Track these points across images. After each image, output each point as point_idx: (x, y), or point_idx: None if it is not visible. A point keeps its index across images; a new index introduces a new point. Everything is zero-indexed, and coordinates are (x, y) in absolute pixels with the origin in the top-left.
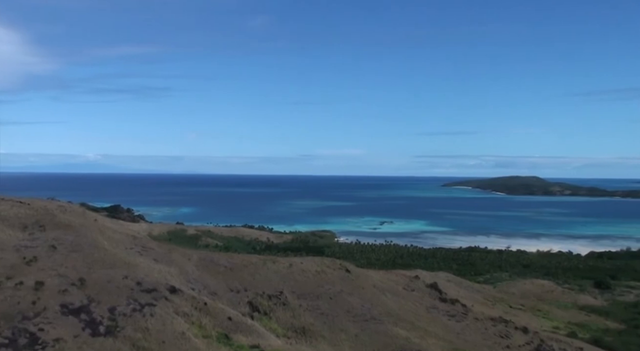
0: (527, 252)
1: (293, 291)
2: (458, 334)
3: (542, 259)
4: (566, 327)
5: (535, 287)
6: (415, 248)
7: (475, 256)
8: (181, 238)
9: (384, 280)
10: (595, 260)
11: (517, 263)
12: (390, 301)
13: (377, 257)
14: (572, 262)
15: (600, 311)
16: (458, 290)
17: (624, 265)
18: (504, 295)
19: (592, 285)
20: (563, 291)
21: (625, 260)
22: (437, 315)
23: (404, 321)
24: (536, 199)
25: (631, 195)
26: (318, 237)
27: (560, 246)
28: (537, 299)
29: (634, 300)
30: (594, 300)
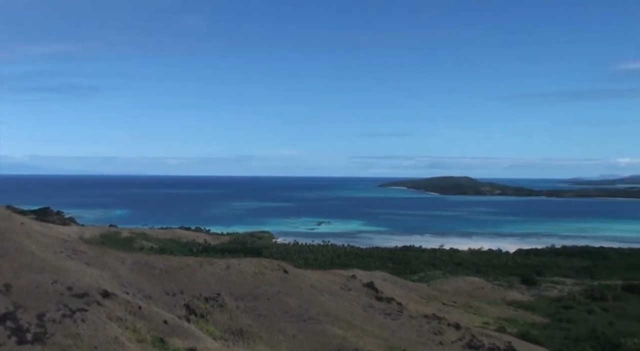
0: (459, 250)
1: (230, 293)
2: (394, 332)
3: (474, 257)
4: (495, 322)
5: (467, 284)
6: (352, 248)
7: (410, 255)
8: (114, 241)
9: (322, 280)
10: (523, 257)
11: (450, 261)
12: (328, 301)
13: (314, 257)
14: (501, 259)
15: (527, 307)
16: (394, 289)
17: (548, 261)
18: (438, 292)
19: (520, 282)
20: (493, 288)
21: (549, 256)
22: (374, 313)
23: (341, 321)
24: (468, 199)
25: (555, 195)
26: (256, 238)
27: (491, 244)
28: (469, 296)
29: (558, 295)
30: (522, 296)
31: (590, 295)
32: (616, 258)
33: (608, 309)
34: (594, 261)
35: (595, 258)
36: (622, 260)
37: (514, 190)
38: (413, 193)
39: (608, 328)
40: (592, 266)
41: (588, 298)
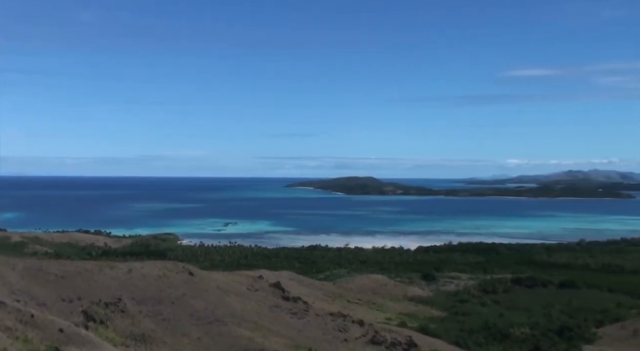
0: (364, 249)
1: (133, 298)
2: (300, 331)
3: (377, 255)
4: (397, 318)
5: (370, 282)
6: (259, 249)
7: (316, 254)
8: (4, 247)
9: (228, 281)
10: (423, 254)
11: (354, 259)
12: (234, 302)
13: (221, 258)
14: (403, 256)
15: (426, 302)
16: (300, 288)
17: (446, 257)
18: (343, 290)
19: (420, 278)
20: (395, 285)
21: (447, 253)
22: (280, 313)
23: (247, 322)
24: (372, 198)
25: (452, 194)
26: (160, 240)
27: (393, 242)
28: (373, 293)
29: (455, 290)
30: (422, 291)
31: (483, 289)
32: (507, 253)
33: (499, 301)
34: (487, 256)
35: (488, 254)
36: (512, 255)
37: (415, 190)
38: (320, 193)
39: (499, 319)
40: (485, 262)
41: (481, 291)
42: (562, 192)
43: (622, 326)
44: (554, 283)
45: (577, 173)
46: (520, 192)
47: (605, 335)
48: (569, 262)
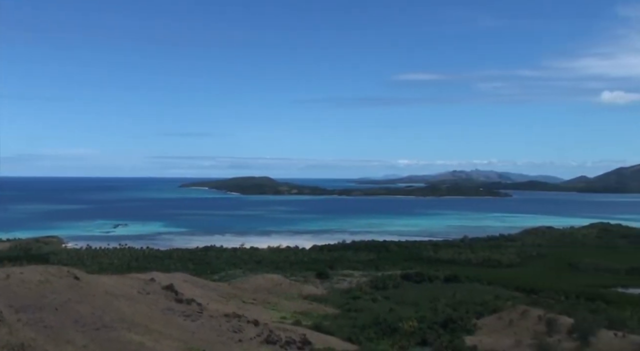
0: (259, 249)
1: (10, 305)
2: (193, 333)
3: (273, 254)
4: (292, 316)
5: (266, 281)
6: (151, 250)
7: (211, 255)
8: None
9: (118, 284)
10: (318, 253)
11: (250, 259)
12: (124, 306)
13: (110, 261)
14: (298, 255)
15: (320, 299)
16: (194, 290)
17: (340, 256)
18: (238, 290)
19: (315, 276)
20: (290, 284)
21: (341, 251)
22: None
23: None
24: (268, 198)
25: (345, 193)
26: (42, 244)
27: (289, 241)
28: (268, 292)
29: (348, 287)
30: (316, 289)
31: (374, 285)
32: (397, 250)
33: (389, 297)
34: (378, 254)
35: (380, 251)
36: (402, 252)
37: (310, 190)
38: (215, 193)
39: (389, 314)
40: (377, 259)
41: (373, 288)
42: (447, 191)
43: (499, 317)
44: (439, 278)
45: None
46: (409, 191)
47: (484, 326)
48: (453, 258)
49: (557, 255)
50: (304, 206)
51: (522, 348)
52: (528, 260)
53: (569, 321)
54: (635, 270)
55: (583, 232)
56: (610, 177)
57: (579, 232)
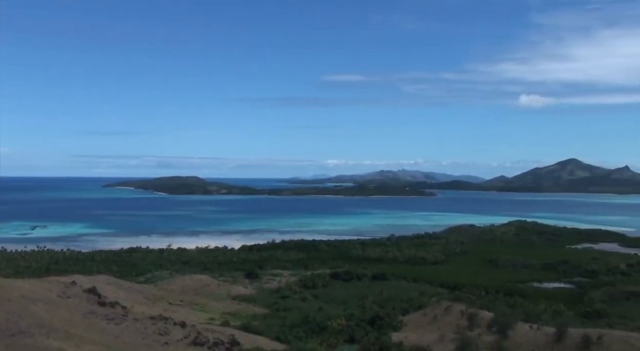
0: (187, 249)
1: None
2: (117, 337)
3: (201, 255)
4: (221, 317)
5: (194, 282)
6: (72, 253)
7: (136, 256)
8: None
9: (35, 288)
10: (247, 253)
11: (177, 260)
12: (42, 311)
13: (27, 264)
14: (227, 255)
15: (249, 299)
16: (118, 292)
17: (269, 255)
18: (164, 292)
19: (244, 276)
20: (219, 284)
21: (270, 251)
22: (95, 320)
23: (57, 331)
24: (196, 198)
25: (275, 193)
26: None
27: (217, 242)
28: (196, 293)
29: (277, 286)
30: (245, 290)
31: (304, 284)
32: (326, 249)
33: (318, 296)
34: (307, 253)
35: (309, 250)
36: (331, 251)
37: (240, 189)
38: (141, 193)
39: (318, 313)
40: (306, 258)
41: (302, 287)
42: (375, 191)
43: (424, 313)
44: (367, 276)
45: (388, 173)
46: (338, 191)
47: (409, 322)
48: (380, 256)
49: (479, 252)
50: (234, 206)
51: (445, 343)
52: (452, 257)
53: (489, 316)
54: (549, 266)
55: (502, 229)
56: (527, 177)
57: (498, 230)
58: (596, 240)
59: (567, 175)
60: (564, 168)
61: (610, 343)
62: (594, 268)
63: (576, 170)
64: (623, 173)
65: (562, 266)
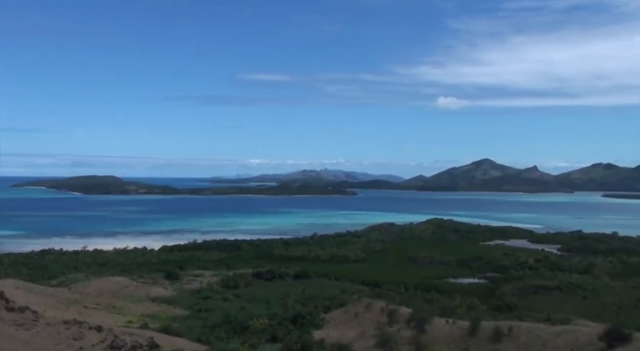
0: (104, 251)
1: None
2: (27, 343)
3: (119, 256)
4: (139, 320)
5: (111, 285)
6: None
7: (49, 258)
8: None
9: None
10: (167, 253)
11: (93, 262)
12: None
13: None
14: (146, 256)
15: (170, 301)
16: (29, 296)
17: (190, 256)
18: (79, 295)
19: (164, 277)
20: (137, 286)
21: (191, 251)
22: (3, 326)
23: None
24: (113, 198)
25: (197, 193)
26: None
27: (136, 242)
28: (113, 296)
29: (198, 287)
30: (165, 291)
31: (226, 285)
32: (248, 249)
33: (240, 295)
34: (229, 253)
35: (231, 250)
36: (253, 250)
37: (160, 189)
38: (53, 193)
39: (240, 312)
40: (228, 258)
41: (224, 287)
42: (298, 190)
43: (345, 311)
44: (290, 275)
45: (310, 172)
46: (261, 190)
47: (331, 320)
48: (303, 255)
49: (398, 250)
50: (153, 206)
51: (366, 339)
52: (373, 255)
53: (408, 312)
54: (463, 262)
55: (420, 227)
56: (444, 176)
57: (417, 228)
58: (507, 236)
59: (481, 175)
60: (478, 168)
61: (519, 335)
62: (505, 264)
63: (489, 170)
64: (532, 173)
65: (476, 262)
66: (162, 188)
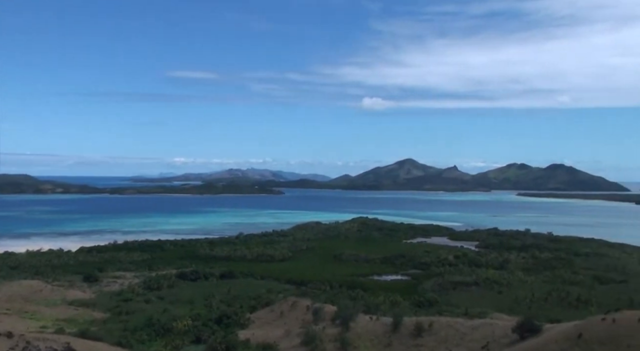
0: (15, 253)
1: None
2: None
3: (32, 259)
4: (54, 324)
5: (22, 288)
6: None
7: None
8: None
9: None
10: (86, 255)
11: (4, 265)
12: None
13: None
14: (62, 258)
15: (88, 304)
16: None
17: (111, 257)
18: None
19: (82, 280)
20: (52, 289)
21: (112, 252)
22: None
23: None
24: (26, 198)
25: (118, 192)
26: None
27: (52, 244)
28: (25, 300)
29: (119, 289)
30: (83, 294)
31: (148, 286)
32: (172, 249)
33: (163, 297)
34: (152, 253)
35: (154, 251)
36: (177, 250)
37: (78, 188)
38: None
39: (163, 314)
40: (151, 259)
41: (146, 289)
42: (224, 189)
43: (271, 310)
44: (215, 275)
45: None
46: (186, 190)
47: (257, 319)
48: (229, 254)
49: (324, 248)
50: (71, 205)
51: (292, 338)
52: (299, 253)
53: (333, 309)
54: (387, 259)
55: (346, 226)
56: (369, 176)
57: (342, 226)
58: (429, 234)
59: (404, 174)
60: (401, 168)
61: (439, 329)
62: (427, 261)
63: (412, 170)
64: (452, 172)
65: (399, 259)
66: (81, 188)
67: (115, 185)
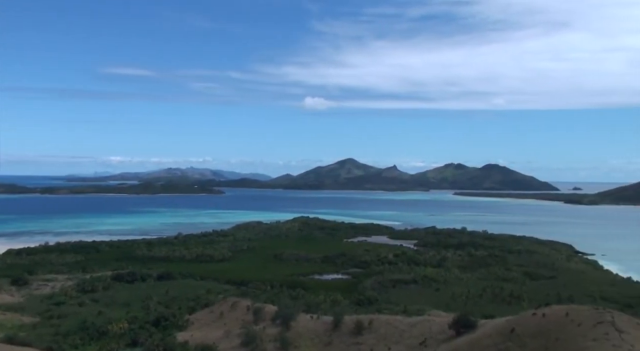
0: None
1: None
2: None
3: None
4: None
5: None
6: None
7: None
8: None
9: None
10: (14, 257)
11: None
12: None
13: None
14: None
15: (17, 308)
16: None
17: (41, 259)
18: None
19: (10, 283)
20: None
21: (43, 254)
22: None
23: None
24: None
25: (49, 192)
26: None
27: None
28: None
29: (50, 292)
30: (11, 298)
31: (82, 289)
32: (107, 250)
33: (98, 299)
34: (86, 255)
35: (88, 252)
36: (113, 251)
37: (5, 188)
38: None
39: (97, 317)
40: (84, 260)
41: (80, 291)
42: (162, 189)
43: (210, 311)
44: (153, 276)
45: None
46: (122, 189)
47: (196, 320)
48: (167, 255)
49: (265, 248)
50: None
51: (231, 338)
52: (239, 253)
53: (273, 309)
54: (328, 259)
55: (287, 225)
56: (310, 175)
57: (283, 226)
58: (369, 233)
59: (345, 174)
60: (342, 167)
61: (379, 327)
62: (367, 259)
63: (353, 169)
64: (392, 172)
65: (340, 258)
66: (8, 187)
67: (47, 185)
